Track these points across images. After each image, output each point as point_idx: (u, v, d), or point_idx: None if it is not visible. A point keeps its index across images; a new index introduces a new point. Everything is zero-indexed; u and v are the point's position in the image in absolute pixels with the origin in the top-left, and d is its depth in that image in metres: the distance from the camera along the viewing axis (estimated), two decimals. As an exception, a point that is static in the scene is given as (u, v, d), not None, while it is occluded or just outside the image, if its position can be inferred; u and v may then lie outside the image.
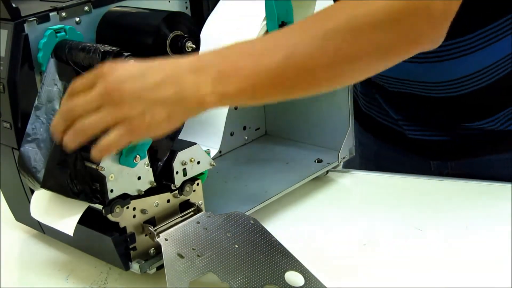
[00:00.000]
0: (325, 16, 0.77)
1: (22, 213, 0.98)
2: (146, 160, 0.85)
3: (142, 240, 0.87)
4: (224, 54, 0.75)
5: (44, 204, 0.88)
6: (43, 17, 0.89)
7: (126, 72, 0.74)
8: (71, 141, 0.75)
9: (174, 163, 0.87)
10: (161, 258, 0.84)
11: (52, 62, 0.88)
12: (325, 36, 0.74)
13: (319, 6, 1.04)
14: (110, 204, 0.83)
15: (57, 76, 0.88)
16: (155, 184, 0.87)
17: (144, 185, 0.86)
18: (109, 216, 0.84)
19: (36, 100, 0.87)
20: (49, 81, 0.88)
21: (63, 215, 0.85)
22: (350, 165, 1.20)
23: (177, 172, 0.88)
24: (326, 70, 0.75)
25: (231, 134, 1.18)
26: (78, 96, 0.75)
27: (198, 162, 0.90)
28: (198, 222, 0.88)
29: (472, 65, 1.02)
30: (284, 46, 0.74)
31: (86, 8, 0.93)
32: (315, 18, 0.78)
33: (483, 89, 1.04)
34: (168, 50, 0.91)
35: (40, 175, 0.83)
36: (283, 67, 0.74)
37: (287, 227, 0.99)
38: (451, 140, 1.11)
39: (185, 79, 0.73)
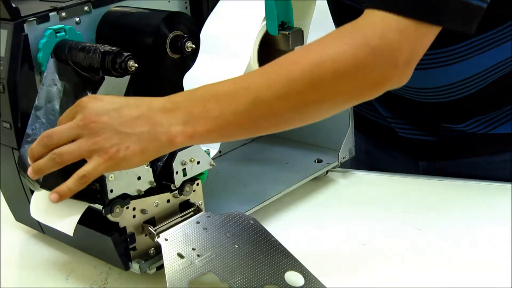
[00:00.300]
0: (291, 62, 0.79)
1: (22, 213, 0.98)
2: (146, 160, 0.85)
3: (142, 240, 0.87)
4: (194, 96, 0.79)
5: (44, 204, 0.88)
6: (43, 17, 0.89)
7: (104, 105, 0.78)
8: (45, 166, 0.78)
9: (174, 163, 0.87)
10: (161, 258, 0.84)
11: (51, 62, 0.88)
12: (289, 83, 0.78)
13: (319, 6, 1.04)
14: (110, 204, 0.83)
15: (57, 76, 0.88)
16: (155, 184, 0.87)
17: (144, 185, 0.86)
18: (109, 216, 0.84)
19: (36, 101, 0.87)
20: (49, 81, 0.88)
21: (63, 215, 0.85)
22: (342, 164, 1.20)
23: (177, 172, 0.88)
24: (291, 113, 0.80)
25: (231, 134, 1.18)
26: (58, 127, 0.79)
27: (198, 162, 0.90)
28: (198, 222, 0.88)
29: (459, 73, 1.02)
30: (251, 90, 0.78)
31: (86, 8, 0.93)
32: (281, 62, 0.80)
33: (468, 96, 1.04)
34: (168, 50, 0.91)
35: None
36: (250, 110, 0.78)
37: (287, 227, 0.99)
38: (438, 140, 1.11)
39: (158, 118, 0.78)
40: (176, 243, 0.85)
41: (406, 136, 1.14)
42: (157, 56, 0.91)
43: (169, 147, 0.79)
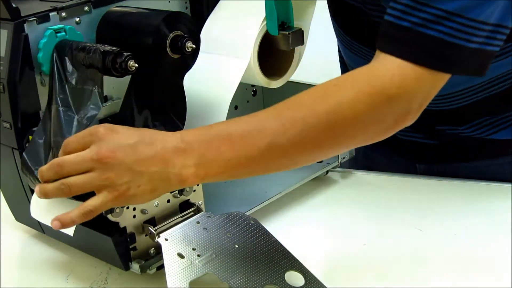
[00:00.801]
0: (307, 107, 0.79)
1: (22, 213, 0.98)
2: (146, 160, 0.85)
3: (142, 240, 0.87)
4: (207, 137, 0.79)
5: (44, 204, 0.88)
6: (43, 17, 0.89)
7: (121, 140, 0.78)
8: (52, 193, 0.78)
9: (174, 163, 0.87)
10: (161, 258, 0.84)
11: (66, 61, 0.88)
12: (305, 130, 0.78)
13: (319, 6, 1.04)
14: (110, 204, 0.83)
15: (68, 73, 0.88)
16: (155, 184, 0.87)
17: (144, 185, 0.86)
18: (109, 216, 0.84)
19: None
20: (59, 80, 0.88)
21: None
22: (346, 166, 1.20)
23: (177, 172, 0.88)
24: (305, 156, 0.81)
25: (231, 134, 1.18)
26: (70, 151, 0.79)
27: (198, 162, 0.90)
28: (198, 222, 0.88)
29: (459, 83, 1.02)
30: (266, 134, 0.78)
31: (86, 8, 0.93)
32: (297, 106, 0.80)
33: (469, 105, 1.04)
34: (168, 50, 0.91)
35: None
36: (264, 154, 0.78)
37: (287, 227, 0.99)
38: (437, 144, 1.11)
39: (171, 159, 0.78)
40: (176, 243, 0.85)
41: (405, 138, 1.13)
42: (157, 56, 0.91)
43: (179, 186, 0.80)
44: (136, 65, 0.86)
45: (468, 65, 0.81)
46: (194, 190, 0.91)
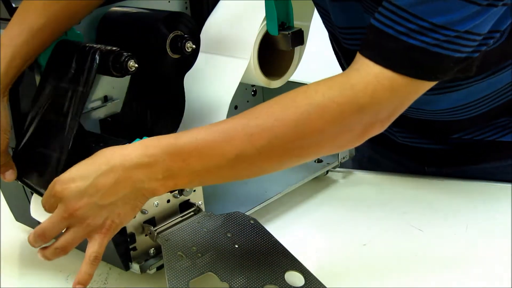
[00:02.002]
0: (275, 117, 0.78)
1: (22, 213, 0.98)
2: (146, 160, 0.85)
3: (142, 240, 0.87)
4: (172, 149, 0.78)
5: (44, 204, 0.88)
6: (43, 17, 0.89)
7: (78, 186, 0.77)
8: (52, 257, 0.81)
9: (174, 163, 0.87)
10: (161, 258, 0.84)
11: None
12: (273, 140, 0.77)
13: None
14: (110, 204, 0.83)
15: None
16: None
17: (144, 185, 0.86)
18: (109, 216, 0.84)
19: None
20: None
21: (63, 215, 0.85)
22: (347, 167, 1.20)
23: (177, 172, 0.88)
24: (273, 165, 0.81)
25: (231, 134, 1.18)
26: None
27: (198, 162, 0.90)
28: (198, 222, 0.88)
29: (462, 98, 1.01)
30: (235, 145, 0.78)
31: (86, 8, 0.93)
32: (264, 116, 0.79)
33: (475, 117, 1.03)
34: (168, 50, 0.91)
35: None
36: (232, 165, 0.78)
37: (287, 227, 0.99)
38: (444, 148, 1.11)
39: (136, 177, 0.77)
40: (176, 243, 0.85)
41: (412, 145, 1.13)
42: (157, 56, 0.91)
43: (154, 196, 0.80)
44: (136, 65, 0.86)
45: (453, 72, 0.80)
46: (194, 190, 0.91)
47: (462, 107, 1.02)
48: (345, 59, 1.09)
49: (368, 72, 0.78)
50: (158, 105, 0.94)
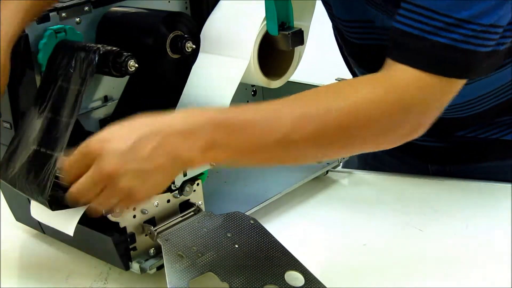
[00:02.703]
0: (323, 106, 0.78)
1: (22, 213, 0.98)
2: (146, 160, 0.85)
3: (142, 240, 0.87)
4: (216, 120, 0.76)
5: (44, 204, 0.88)
6: (43, 17, 0.89)
7: (117, 147, 0.74)
8: (93, 213, 0.79)
9: (174, 163, 0.87)
10: (161, 258, 0.84)
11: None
12: (320, 129, 0.77)
13: (319, 6, 1.04)
14: (110, 204, 0.83)
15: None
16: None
17: (144, 185, 0.86)
18: (109, 216, 0.84)
19: None
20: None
21: (63, 215, 0.85)
22: (347, 166, 1.20)
23: (177, 172, 0.88)
24: (315, 153, 0.81)
25: (231, 134, 1.18)
26: (75, 175, 0.77)
27: (198, 162, 0.90)
28: (198, 222, 0.88)
29: (469, 93, 1.01)
30: (280, 128, 0.77)
31: (86, 8, 0.93)
32: (313, 105, 0.79)
33: (478, 114, 1.03)
34: (168, 50, 0.91)
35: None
36: (275, 147, 0.77)
37: (287, 227, 0.99)
38: (448, 146, 1.11)
39: (176, 145, 0.75)
40: (176, 243, 0.85)
41: (415, 142, 1.13)
42: (157, 56, 0.91)
43: (189, 168, 0.81)
44: (136, 65, 0.86)
45: (483, 68, 0.80)
46: (194, 190, 0.91)
47: (466, 104, 1.02)
48: (348, 51, 1.09)
49: (406, 74, 0.79)
50: (158, 105, 0.94)
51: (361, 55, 1.09)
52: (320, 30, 1.12)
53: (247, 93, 1.18)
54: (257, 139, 0.77)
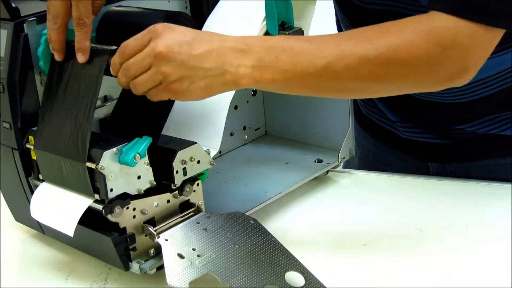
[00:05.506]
0: (367, 39, 0.82)
1: (22, 213, 0.98)
2: (146, 159, 0.85)
3: (142, 241, 0.87)
4: (268, 43, 0.82)
5: (44, 204, 0.88)
6: (43, 17, 0.89)
7: (178, 37, 0.80)
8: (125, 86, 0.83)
9: (174, 162, 0.87)
10: (161, 258, 0.84)
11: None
12: (363, 59, 0.81)
13: (319, 6, 1.04)
14: (110, 205, 0.83)
15: None
16: (155, 183, 0.87)
17: (144, 185, 0.86)
18: (109, 217, 0.84)
19: None
20: None
21: (63, 215, 0.85)
22: (348, 166, 1.20)
23: (177, 172, 0.88)
24: (355, 85, 0.84)
25: (231, 134, 1.18)
26: (131, 52, 0.81)
27: (198, 162, 0.90)
28: (198, 223, 0.88)
29: (481, 71, 1.01)
30: (325, 56, 0.81)
31: (86, 8, 0.92)
32: (358, 37, 0.83)
33: (482, 99, 1.03)
34: (168, 50, 0.91)
35: None
36: (319, 73, 0.81)
37: (287, 227, 0.99)
38: (449, 143, 1.11)
39: (228, 56, 0.80)
40: (176, 243, 0.85)
41: (416, 139, 1.13)
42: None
43: (233, 87, 0.82)
44: (136, 65, 0.86)
45: None
46: (194, 190, 0.91)
47: (470, 86, 1.02)
48: (351, 18, 1.09)
49: (446, 20, 0.81)
50: (156, 104, 0.94)
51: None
52: (320, 30, 1.11)
53: (247, 93, 1.18)
54: (302, 63, 0.81)
